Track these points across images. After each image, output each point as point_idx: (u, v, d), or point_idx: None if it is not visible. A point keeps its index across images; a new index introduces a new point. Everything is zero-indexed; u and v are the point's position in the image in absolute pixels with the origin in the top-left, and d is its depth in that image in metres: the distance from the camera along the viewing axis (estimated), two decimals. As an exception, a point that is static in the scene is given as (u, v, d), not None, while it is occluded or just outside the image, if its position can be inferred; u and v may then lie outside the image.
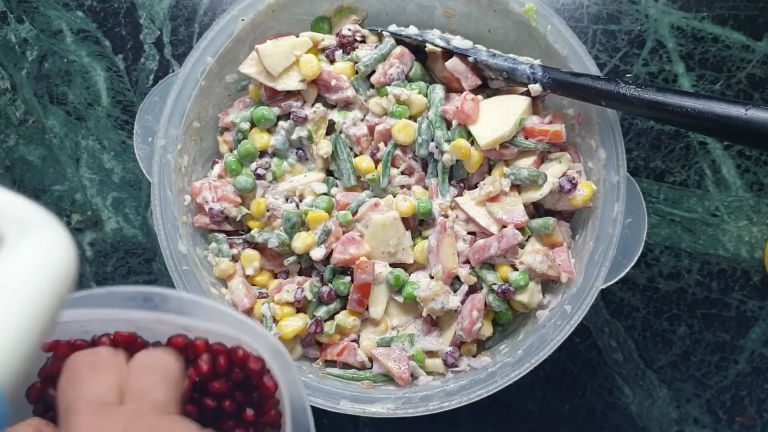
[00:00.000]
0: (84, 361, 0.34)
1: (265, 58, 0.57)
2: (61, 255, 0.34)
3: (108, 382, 0.33)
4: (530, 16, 0.55)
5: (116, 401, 0.32)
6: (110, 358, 0.34)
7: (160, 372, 0.34)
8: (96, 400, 0.31)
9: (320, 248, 0.56)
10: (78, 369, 0.34)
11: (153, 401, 0.32)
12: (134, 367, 0.34)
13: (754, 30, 0.67)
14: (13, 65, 0.71)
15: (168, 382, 0.34)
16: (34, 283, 0.32)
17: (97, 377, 0.33)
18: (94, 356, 0.34)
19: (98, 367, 0.34)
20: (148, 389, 0.33)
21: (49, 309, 0.32)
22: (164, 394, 0.33)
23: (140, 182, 0.69)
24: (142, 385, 0.33)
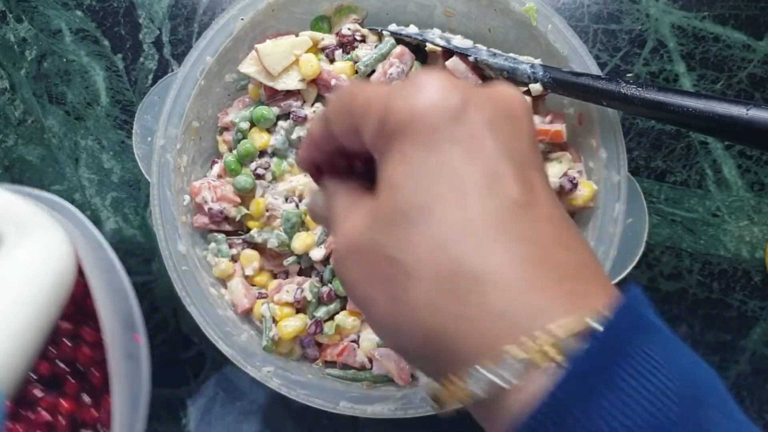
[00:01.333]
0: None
1: (265, 57, 0.56)
2: (61, 255, 0.34)
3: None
4: (531, 16, 0.55)
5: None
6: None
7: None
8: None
9: (320, 248, 0.56)
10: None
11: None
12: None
13: (755, 30, 0.67)
14: (12, 65, 0.71)
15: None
16: (34, 283, 0.32)
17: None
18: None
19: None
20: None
21: (49, 309, 0.32)
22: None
23: (139, 182, 0.69)
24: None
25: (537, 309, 0.23)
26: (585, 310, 0.23)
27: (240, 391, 0.66)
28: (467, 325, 0.24)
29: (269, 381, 0.54)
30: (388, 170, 0.26)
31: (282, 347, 0.57)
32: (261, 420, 0.66)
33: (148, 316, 0.68)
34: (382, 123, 0.27)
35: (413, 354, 0.26)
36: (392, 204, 0.26)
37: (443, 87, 0.26)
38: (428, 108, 0.26)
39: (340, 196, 0.30)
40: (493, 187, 0.25)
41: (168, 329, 0.67)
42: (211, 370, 0.67)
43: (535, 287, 0.23)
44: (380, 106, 0.27)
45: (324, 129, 0.31)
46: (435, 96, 0.26)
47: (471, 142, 0.25)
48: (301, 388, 0.54)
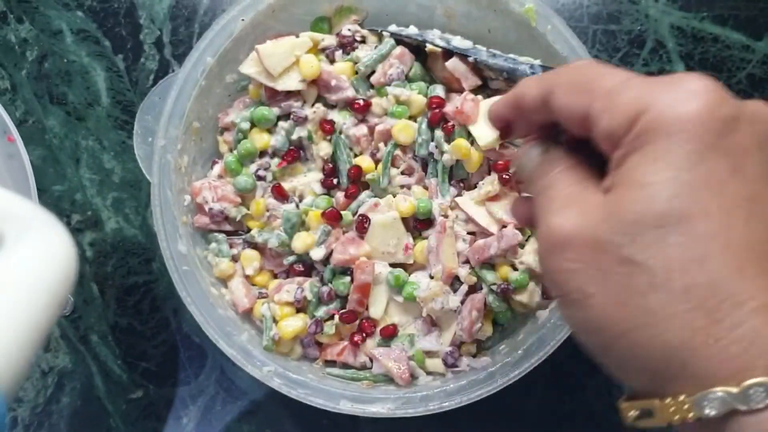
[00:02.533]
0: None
1: (266, 58, 0.57)
2: (61, 255, 0.34)
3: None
4: (530, 16, 0.55)
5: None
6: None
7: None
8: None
9: (320, 248, 0.56)
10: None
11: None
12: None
13: (754, 30, 0.67)
14: (13, 65, 0.71)
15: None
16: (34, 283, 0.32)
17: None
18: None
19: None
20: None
21: (49, 309, 0.32)
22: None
23: (140, 182, 0.69)
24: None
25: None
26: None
27: (240, 391, 0.67)
28: (714, 346, 0.23)
29: (270, 380, 0.54)
30: (638, 170, 0.25)
31: (282, 347, 0.57)
32: (261, 419, 0.66)
33: (148, 315, 0.68)
34: (635, 118, 0.25)
35: (629, 360, 0.25)
36: (644, 206, 0.24)
37: (716, 95, 0.25)
38: (698, 115, 0.24)
39: (562, 173, 0.29)
40: (757, 210, 0.24)
41: (169, 329, 0.68)
42: (212, 369, 0.67)
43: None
44: (635, 100, 0.26)
45: (540, 96, 0.29)
46: (707, 102, 0.25)
47: (740, 159, 0.25)
48: (301, 388, 0.54)
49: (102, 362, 0.68)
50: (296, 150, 0.59)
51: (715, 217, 0.24)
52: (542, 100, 0.29)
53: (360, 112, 0.58)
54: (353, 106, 0.58)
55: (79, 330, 0.68)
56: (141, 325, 0.68)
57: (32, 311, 0.32)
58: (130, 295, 0.68)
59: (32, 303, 0.32)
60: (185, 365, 0.67)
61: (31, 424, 0.68)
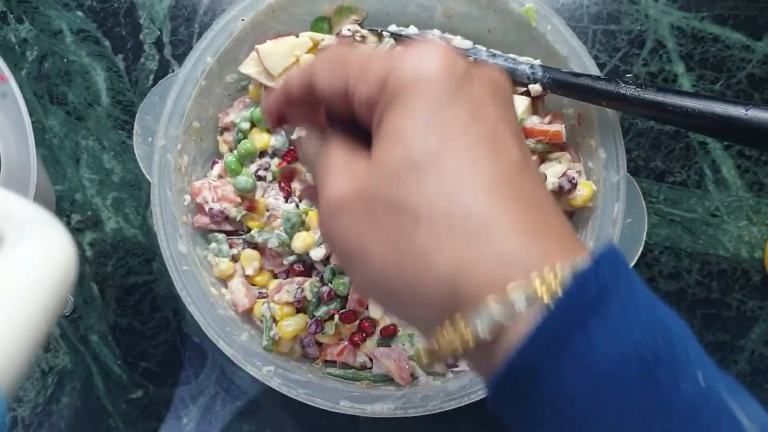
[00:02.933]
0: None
1: (266, 58, 0.57)
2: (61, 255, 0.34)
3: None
4: (530, 16, 0.55)
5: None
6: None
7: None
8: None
9: (320, 248, 0.56)
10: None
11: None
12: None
13: (755, 30, 0.67)
14: (13, 65, 0.71)
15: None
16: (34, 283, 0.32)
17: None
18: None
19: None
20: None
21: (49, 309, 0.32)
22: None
23: (140, 182, 0.69)
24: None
25: (539, 254, 0.25)
26: (578, 257, 0.25)
27: (240, 391, 0.67)
28: (476, 265, 0.25)
29: (269, 380, 0.54)
30: (392, 123, 0.27)
31: (282, 347, 0.57)
32: (261, 419, 0.66)
33: (148, 315, 0.68)
34: (383, 81, 0.28)
35: (410, 301, 0.27)
36: (400, 153, 0.27)
37: (449, 55, 0.28)
38: (437, 71, 0.27)
39: (335, 147, 0.31)
40: (498, 147, 0.27)
41: (169, 329, 0.68)
42: (212, 369, 0.67)
43: (537, 236, 0.26)
44: (382, 66, 0.28)
45: (304, 84, 0.31)
46: (443, 62, 0.27)
47: (476, 107, 0.27)
48: (301, 388, 0.54)
49: (102, 362, 0.68)
50: (296, 150, 0.59)
51: (463, 152, 0.26)
52: (306, 87, 0.31)
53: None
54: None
55: (79, 330, 0.68)
56: (141, 325, 0.68)
57: (32, 311, 0.32)
58: (130, 295, 0.68)
59: (32, 303, 0.32)
60: (185, 365, 0.67)
61: (31, 424, 0.68)
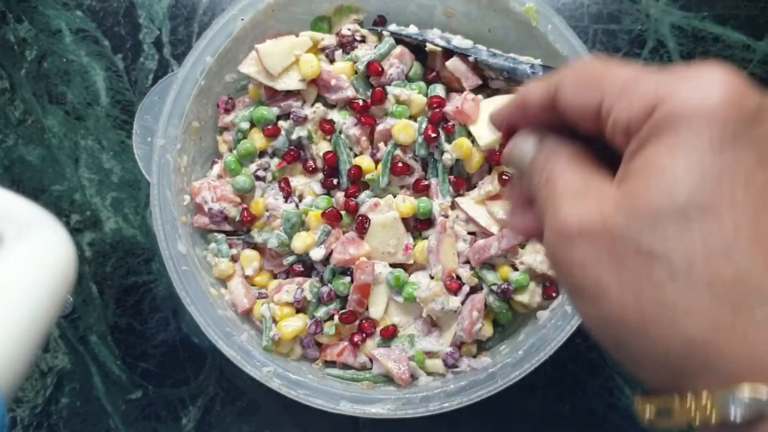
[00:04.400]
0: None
1: (265, 57, 0.56)
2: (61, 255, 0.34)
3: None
4: (530, 16, 0.55)
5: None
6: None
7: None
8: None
9: (320, 248, 0.56)
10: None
11: None
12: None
13: (755, 30, 0.67)
14: (12, 65, 0.71)
15: None
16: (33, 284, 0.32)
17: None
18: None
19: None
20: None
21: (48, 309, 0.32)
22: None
23: (139, 182, 0.69)
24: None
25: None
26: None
27: (240, 391, 0.66)
28: (738, 339, 0.22)
29: (269, 381, 0.54)
30: (657, 157, 0.24)
31: (282, 347, 0.57)
32: (261, 420, 0.66)
33: (148, 316, 0.68)
34: (652, 106, 0.24)
35: (646, 356, 0.24)
36: (663, 195, 0.23)
37: (740, 85, 0.24)
38: (722, 103, 0.23)
39: (566, 163, 0.28)
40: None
41: (168, 329, 0.67)
42: (211, 369, 0.67)
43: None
44: (652, 89, 0.24)
45: (547, 95, 0.28)
46: (731, 93, 0.23)
47: (765, 151, 0.23)
48: (301, 388, 0.54)
49: (101, 362, 0.68)
50: (296, 150, 0.59)
51: (742, 208, 0.23)
52: (548, 99, 0.28)
53: (360, 111, 0.58)
54: (353, 106, 0.58)
55: (79, 330, 0.68)
56: (140, 325, 0.68)
57: (31, 311, 0.32)
58: (130, 295, 0.68)
59: (32, 303, 0.32)
60: (185, 365, 0.67)
61: (30, 424, 0.67)
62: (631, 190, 0.24)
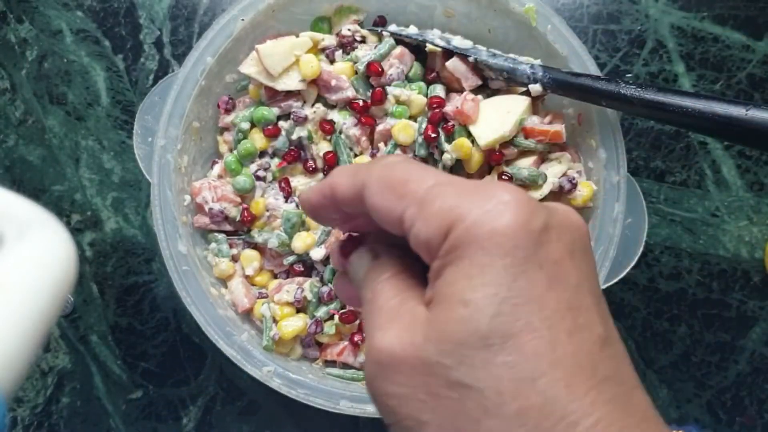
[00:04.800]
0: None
1: (265, 58, 0.56)
2: (61, 255, 0.34)
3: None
4: (530, 16, 0.55)
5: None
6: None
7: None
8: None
9: (320, 248, 0.56)
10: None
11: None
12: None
13: (755, 30, 0.67)
14: (13, 65, 0.71)
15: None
16: (34, 283, 0.32)
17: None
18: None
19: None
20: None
21: (49, 309, 0.32)
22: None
23: (140, 182, 0.69)
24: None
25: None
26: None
27: (240, 391, 0.67)
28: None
29: (269, 381, 0.54)
30: (458, 286, 0.24)
31: (282, 347, 0.57)
32: (261, 420, 0.66)
33: (148, 315, 0.68)
34: (447, 227, 0.24)
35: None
36: (467, 326, 0.23)
37: (527, 206, 0.24)
38: (512, 226, 0.24)
39: (386, 281, 0.28)
40: (579, 321, 0.24)
41: (169, 329, 0.68)
42: (212, 369, 0.67)
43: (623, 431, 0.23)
44: (447, 209, 0.25)
45: (353, 191, 0.28)
46: (520, 215, 0.24)
47: (555, 269, 0.24)
48: (301, 388, 0.54)
49: (102, 362, 0.68)
50: (296, 150, 0.59)
51: (540, 333, 0.23)
52: (356, 195, 0.28)
53: (360, 112, 0.58)
54: (353, 106, 0.58)
55: (79, 330, 0.68)
56: (141, 325, 0.68)
57: (32, 311, 0.32)
58: (130, 295, 0.68)
59: (32, 303, 0.32)
60: (185, 365, 0.67)
61: (31, 424, 0.67)
62: (437, 317, 0.24)
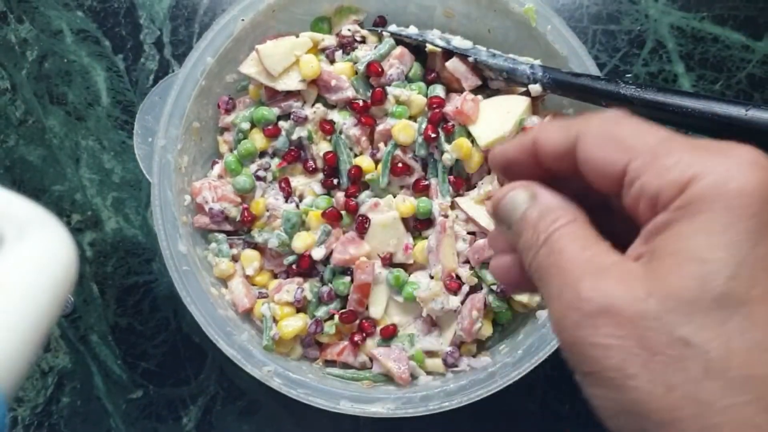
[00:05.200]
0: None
1: (265, 58, 0.57)
2: (62, 255, 0.34)
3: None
4: (530, 16, 0.55)
5: None
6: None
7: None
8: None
9: (320, 248, 0.56)
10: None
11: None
12: None
13: (754, 30, 0.67)
14: (13, 65, 0.71)
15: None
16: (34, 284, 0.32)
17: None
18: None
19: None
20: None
21: (49, 309, 0.32)
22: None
23: (140, 182, 0.69)
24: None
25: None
26: None
27: (240, 391, 0.67)
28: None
29: (270, 380, 0.54)
30: (693, 243, 0.23)
31: (282, 347, 0.57)
32: (261, 419, 0.66)
33: (148, 315, 0.68)
34: (684, 183, 0.23)
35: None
36: (701, 283, 0.22)
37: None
38: (759, 188, 0.23)
39: (572, 231, 0.26)
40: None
41: (169, 329, 0.68)
42: (212, 369, 0.67)
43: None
44: (686, 165, 0.24)
45: (565, 144, 0.27)
46: (763, 178, 0.23)
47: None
48: (301, 388, 0.54)
49: (102, 362, 0.68)
50: (296, 150, 0.59)
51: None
52: (566, 149, 0.27)
53: (360, 112, 0.58)
54: (353, 106, 0.58)
55: (79, 330, 0.68)
56: (141, 325, 0.68)
57: (32, 311, 0.32)
58: (130, 295, 0.68)
59: (32, 303, 0.32)
60: (185, 365, 0.67)
61: (31, 424, 0.68)
62: (663, 274, 0.23)
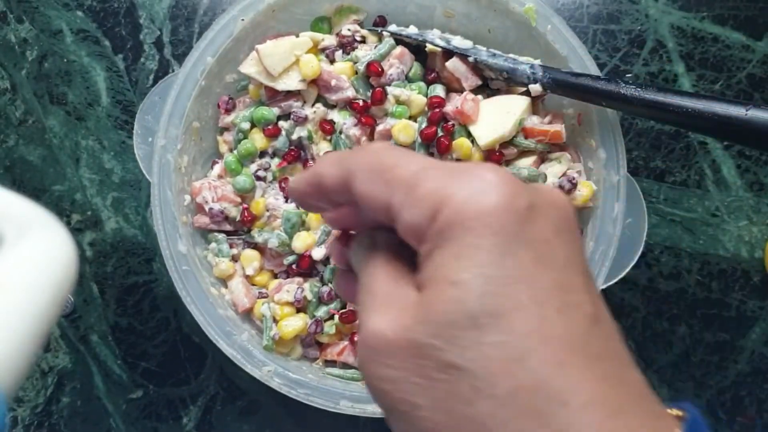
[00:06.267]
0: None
1: (265, 58, 0.57)
2: (61, 255, 0.34)
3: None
4: (530, 16, 0.55)
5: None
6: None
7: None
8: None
9: (320, 248, 0.56)
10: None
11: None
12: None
13: (754, 30, 0.67)
14: (13, 65, 0.71)
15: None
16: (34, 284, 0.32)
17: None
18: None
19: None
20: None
21: (49, 309, 0.32)
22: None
23: (140, 182, 0.69)
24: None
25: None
26: (663, 430, 0.23)
27: (240, 391, 0.67)
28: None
29: (270, 380, 0.54)
30: (446, 267, 0.24)
31: (282, 347, 0.57)
32: (261, 419, 0.66)
33: (148, 315, 0.68)
34: (435, 210, 0.24)
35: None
36: (456, 305, 0.23)
37: (511, 186, 0.24)
38: (499, 206, 0.24)
39: (380, 266, 0.27)
40: (568, 299, 0.24)
41: (169, 329, 0.68)
42: (212, 369, 0.67)
43: (618, 409, 0.22)
44: (434, 191, 0.24)
45: (340, 179, 0.28)
46: (504, 194, 0.24)
47: (542, 248, 0.24)
48: (301, 388, 0.54)
49: (102, 362, 0.68)
50: (297, 150, 0.59)
51: (529, 311, 0.23)
52: (342, 183, 0.28)
53: (360, 112, 0.58)
54: (353, 106, 0.58)
55: (79, 330, 0.68)
56: (141, 325, 0.68)
57: (32, 311, 0.32)
58: (130, 295, 0.68)
59: (32, 303, 0.32)
60: (185, 365, 0.67)
61: (31, 424, 0.68)
62: (427, 300, 0.24)
